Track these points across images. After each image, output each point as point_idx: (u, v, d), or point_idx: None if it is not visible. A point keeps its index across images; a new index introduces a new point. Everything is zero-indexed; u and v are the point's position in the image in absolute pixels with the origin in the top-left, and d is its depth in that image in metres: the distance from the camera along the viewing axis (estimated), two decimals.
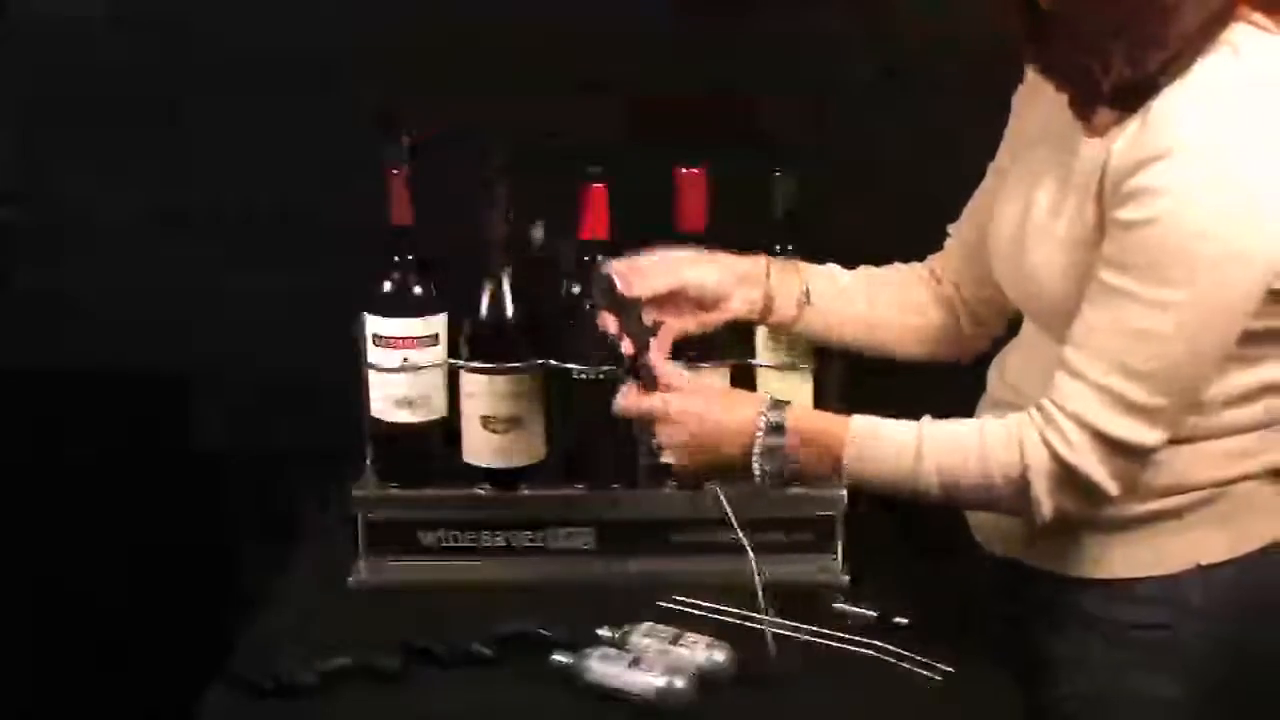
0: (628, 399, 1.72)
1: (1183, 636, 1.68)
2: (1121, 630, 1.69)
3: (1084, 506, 1.62)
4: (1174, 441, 1.62)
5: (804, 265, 1.88)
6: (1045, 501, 1.60)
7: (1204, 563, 1.67)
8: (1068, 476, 1.58)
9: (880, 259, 2.06)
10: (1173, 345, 1.54)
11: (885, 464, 1.66)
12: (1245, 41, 1.54)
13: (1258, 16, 1.55)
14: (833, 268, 1.90)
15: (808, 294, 1.85)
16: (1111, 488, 1.59)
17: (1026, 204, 1.68)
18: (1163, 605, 1.68)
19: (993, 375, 1.83)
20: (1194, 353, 1.55)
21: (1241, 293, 1.53)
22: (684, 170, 1.89)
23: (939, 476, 1.63)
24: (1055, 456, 1.58)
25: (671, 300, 1.80)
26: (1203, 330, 1.54)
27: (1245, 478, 1.67)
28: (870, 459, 1.66)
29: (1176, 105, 1.52)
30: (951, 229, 1.91)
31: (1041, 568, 1.74)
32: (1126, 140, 1.54)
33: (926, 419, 1.66)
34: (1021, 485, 1.60)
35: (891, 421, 1.67)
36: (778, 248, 1.89)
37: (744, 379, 1.92)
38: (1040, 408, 1.59)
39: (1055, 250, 1.63)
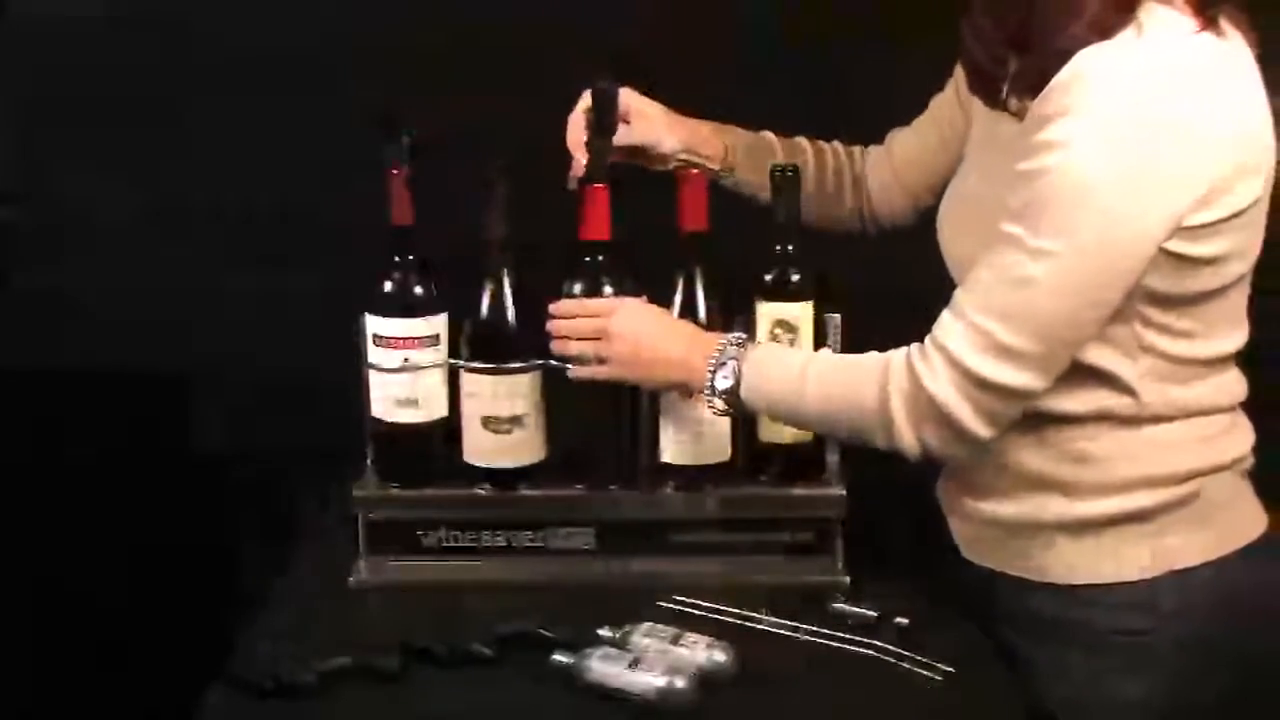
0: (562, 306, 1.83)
1: (1159, 641, 1.68)
2: (1099, 636, 1.70)
3: (951, 446, 1.65)
4: (1135, 423, 1.66)
5: (742, 135, 2.00)
6: (906, 430, 1.64)
7: (1178, 567, 1.68)
8: (928, 406, 1.62)
9: (883, 257, 2.07)
10: (1045, 292, 1.58)
11: (775, 384, 1.72)
12: (1152, 21, 1.58)
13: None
14: (773, 141, 2.02)
15: (731, 169, 1.97)
16: (975, 425, 1.62)
17: (964, 179, 1.80)
18: (1139, 610, 1.69)
19: None
20: (1066, 304, 1.59)
21: (1117, 253, 1.57)
22: (685, 170, 1.89)
23: (819, 400, 1.69)
24: (916, 383, 1.62)
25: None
26: (1076, 283, 1.58)
27: (1211, 470, 1.69)
28: (765, 378, 1.73)
29: (1080, 71, 1.56)
30: (891, 135, 2.02)
31: (1016, 575, 1.75)
32: (1036, 101, 1.60)
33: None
34: (883, 408, 1.64)
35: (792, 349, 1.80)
36: (777, 248, 1.89)
37: None
38: (920, 342, 1.64)
39: (962, 205, 1.74)
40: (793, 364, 1.74)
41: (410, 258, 1.88)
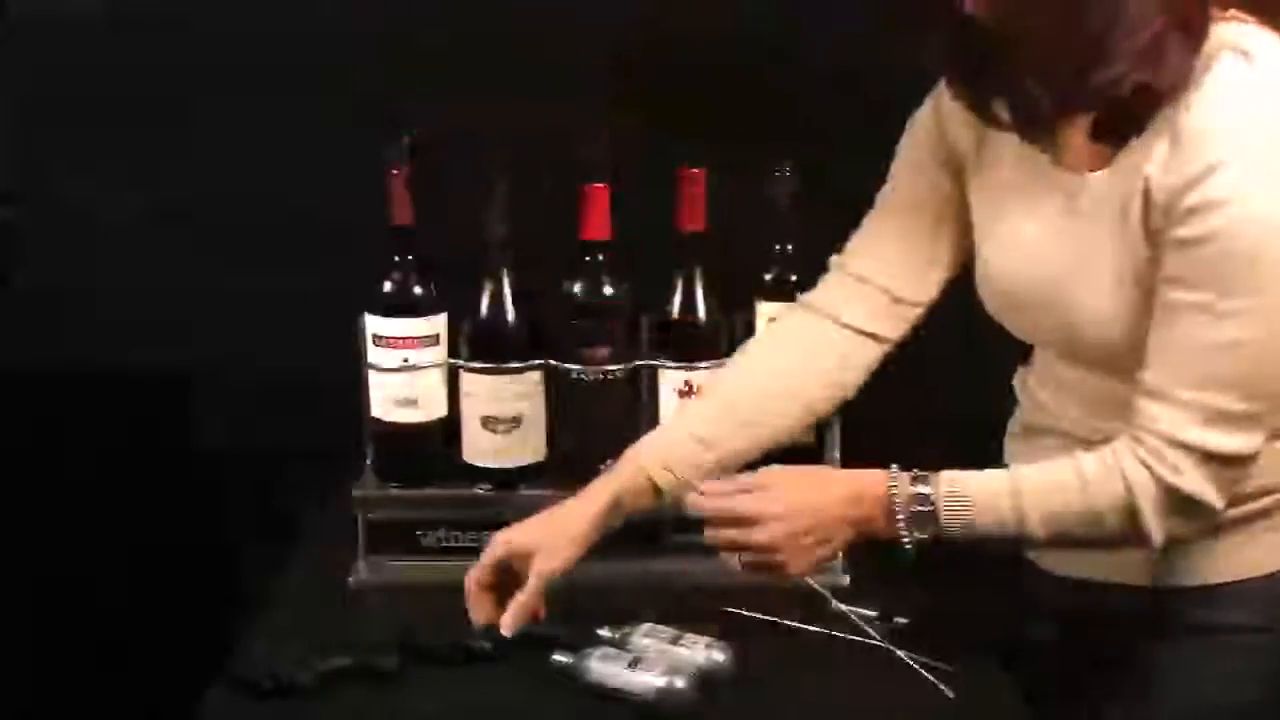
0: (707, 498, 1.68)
1: (1271, 639, 1.68)
2: (1215, 633, 1.69)
3: (1193, 526, 1.60)
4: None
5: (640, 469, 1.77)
6: (1156, 528, 1.58)
7: None
8: (1174, 499, 1.57)
9: None
10: (1256, 351, 1.53)
11: (987, 520, 1.62)
12: (1249, 42, 1.54)
13: (1240, 15, 1.56)
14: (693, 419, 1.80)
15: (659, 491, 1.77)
16: (1218, 502, 1.58)
17: (1034, 248, 1.67)
18: (1256, 606, 1.68)
19: (1023, 398, 1.82)
20: (1277, 354, 1.54)
21: None
22: (685, 170, 1.89)
23: (1044, 525, 1.60)
24: (1159, 480, 1.56)
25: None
26: None
27: None
28: (971, 512, 1.62)
29: (1208, 115, 1.51)
30: (842, 261, 1.82)
31: (1115, 580, 1.73)
32: (1163, 162, 1.53)
33: (1015, 468, 1.64)
34: (1130, 515, 1.57)
35: (979, 475, 1.64)
36: (777, 247, 1.89)
37: None
38: (1133, 436, 1.57)
39: (1105, 297, 1.61)
40: (998, 491, 1.61)
41: (410, 258, 1.88)
